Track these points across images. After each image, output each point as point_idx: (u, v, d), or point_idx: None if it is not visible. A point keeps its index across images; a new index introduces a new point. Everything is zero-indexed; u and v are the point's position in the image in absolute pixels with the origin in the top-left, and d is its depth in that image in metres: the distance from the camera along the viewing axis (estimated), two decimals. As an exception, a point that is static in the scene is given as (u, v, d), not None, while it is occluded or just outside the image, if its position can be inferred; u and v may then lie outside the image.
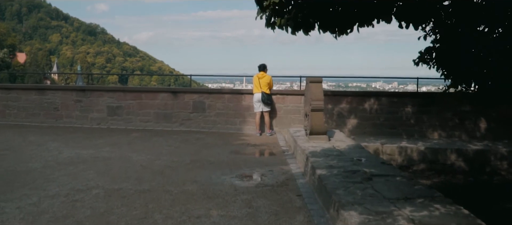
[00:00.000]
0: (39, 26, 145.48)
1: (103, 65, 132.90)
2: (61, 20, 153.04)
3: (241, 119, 10.20)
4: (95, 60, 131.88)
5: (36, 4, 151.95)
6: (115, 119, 10.55)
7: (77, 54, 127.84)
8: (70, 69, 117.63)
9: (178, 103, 10.34)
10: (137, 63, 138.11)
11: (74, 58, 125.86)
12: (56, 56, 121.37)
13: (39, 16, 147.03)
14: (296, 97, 10.00)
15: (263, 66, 9.80)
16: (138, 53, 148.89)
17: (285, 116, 10.06)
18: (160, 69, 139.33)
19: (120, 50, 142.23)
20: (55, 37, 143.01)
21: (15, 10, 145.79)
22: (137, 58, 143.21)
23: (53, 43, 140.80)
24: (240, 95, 10.19)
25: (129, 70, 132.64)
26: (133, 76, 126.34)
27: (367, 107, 9.79)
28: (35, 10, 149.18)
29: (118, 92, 10.52)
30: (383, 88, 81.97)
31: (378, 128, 9.79)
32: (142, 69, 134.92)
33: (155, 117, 10.44)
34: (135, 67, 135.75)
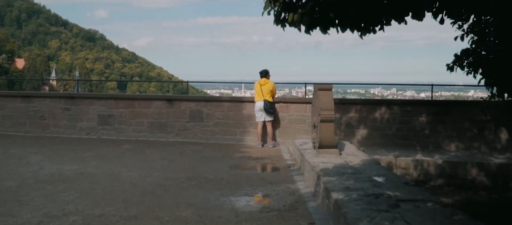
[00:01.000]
0: (38, 32, 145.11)
1: (102, 71, 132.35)
2: (60, 26, 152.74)
3: (241, 129, 9.47)
4: (94, 66, 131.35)
5: (35, 10, 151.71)
6: (106, 129, 9.81)
7: (76, 60, 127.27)
8: (68, 75, 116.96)
9: (173, 112, 9.61)
10: (136, 69, 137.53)
11: (73, 64, 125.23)
12: (55, 62, 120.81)
13: (38, 22, 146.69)
14: (301, 105, 9.28)
15: (265, 72, 9.08)
16: (137, 59, 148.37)
17: (289, 126, 9.33)
18: (159, 75, 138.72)
19: (119, 56, 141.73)
20: (54, 43, 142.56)
21: (14, 16, 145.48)
22: (136, 64, 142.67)
23: (52, 49, 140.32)
24: (240, 104, 9.46)
25: (128, 76, 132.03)
26: (131, 82, 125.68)
27: (378, 117, 9.07)
28: (34, 16, 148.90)
29: (109, 100, 9.79)
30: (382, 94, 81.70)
31: (389, 139, 9.06)
32: (141, 75, 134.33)
33: (149, 127, 9.70)
34: (134, 73, 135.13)
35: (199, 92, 51.92)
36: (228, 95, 10.19)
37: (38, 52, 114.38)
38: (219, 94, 66.11)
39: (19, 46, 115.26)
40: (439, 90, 77.90)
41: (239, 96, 9.65)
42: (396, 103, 9.10)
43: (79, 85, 70.90)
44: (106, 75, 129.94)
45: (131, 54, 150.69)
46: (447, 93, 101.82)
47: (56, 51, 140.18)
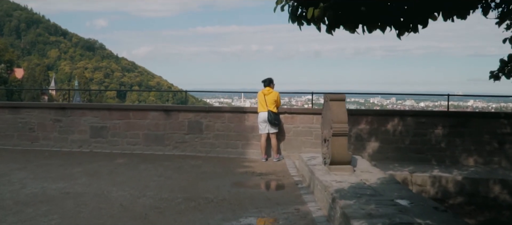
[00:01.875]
0: (38, 42, 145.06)
1: (101, 80, 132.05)
2: (59, 36, 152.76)
3: (243, 141, 8.85)
4: (93, 76, 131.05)
5: (34, 20, 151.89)
6: (99, 141, 9.18)
7: (76, 69, 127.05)
8: (68, 85, 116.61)
9: (171, 123, 9.00)
10: (135, 79, 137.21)
11: (73, 74, 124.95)
12: (54, 72, 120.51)
13: (38, 31, 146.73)
14: (307, 116, 8.68)
15: (269, 81, 8.49)
16: (137, 69, 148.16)
17: (294, 138, 8.71)
18: (158, 84, 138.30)
19: (118, 66, 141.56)
20: (54, 53, 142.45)
21: (14, 25, 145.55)
22: (136, 73, 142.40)
23: (51, 58, 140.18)
24: (242, 115, 8.86)
25: (128, 86, 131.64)
26: (131, 92, 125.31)
27: (390, 129, 8.47)
28: (33, 25, 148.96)
29: (102, 111, 9.18)
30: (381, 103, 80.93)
31: (403, 153, 8.44)
32: (141, 85, 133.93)
33: (145, 139, 9.07)
34: (133, 82, 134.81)
35: (198, 101, 51.39)
36: (229, 106, 9.59)
37: (37, 62, 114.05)
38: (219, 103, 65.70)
39: (18, 56, 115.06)
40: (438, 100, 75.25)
41: (240, 107, 9.06)
42: (409, 115, 8.50)
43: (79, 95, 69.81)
44: (106, 84, 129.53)
45: (131, 64, 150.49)
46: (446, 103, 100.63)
47: (55, 60, 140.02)
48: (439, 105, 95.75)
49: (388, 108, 20.14)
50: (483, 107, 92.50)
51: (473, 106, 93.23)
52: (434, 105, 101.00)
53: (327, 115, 5.98)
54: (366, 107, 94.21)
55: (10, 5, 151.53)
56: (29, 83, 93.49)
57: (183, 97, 58.11)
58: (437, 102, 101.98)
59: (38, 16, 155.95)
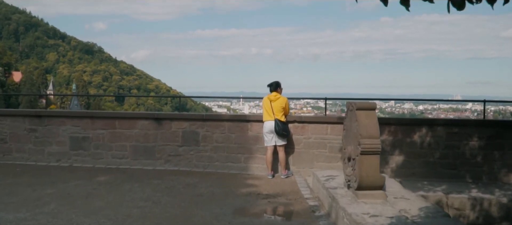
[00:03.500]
0: (36, 45, 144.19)
1: (100, 83, 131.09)
2: (58, 39, 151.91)
3: (246, 154, 7.66)
4: (91, 79, 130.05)
5: (33, 23, 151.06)
6: (80, 154, 7.99)
7: (74, 72, 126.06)
8: (66, 88, 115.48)
9: (163, 133, 7.81)
10: (134, 82, 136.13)
11: (71, 77, 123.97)
12: (53, 75, 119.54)
13: (36, 35, 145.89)
14: (320, 126, 7.49)
15: (276, 85, 7.32)
16: (135, 72, 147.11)
17: (305, 151, 7.52)
18: (157, 88, 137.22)
19: (117, 69, 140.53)
20: (52, 56, 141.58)
21: (12, 29, 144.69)
22: (134, 76, 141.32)
23: (49, 62, 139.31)
24: (245, 124, 7.67)
25: (126, 89, 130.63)
26: (128, 96, 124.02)
27: (417, 140, 7.28)
28: (32, 29, 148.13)
29: (84, 119, 7.99)
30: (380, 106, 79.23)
31: (431, 168, 7.26)
32: (139, 88, 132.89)
33: (133, 152, 7.89)
34: (132, 85, 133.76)
35: (197, 104, 50.42)
36: (229, 114, 8.41)
37: (35, 65, 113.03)
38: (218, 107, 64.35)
39: (16, 59, 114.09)
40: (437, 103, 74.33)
41: (242, 115, 7.89)
42: (439, 124, 7.31)
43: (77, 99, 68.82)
44: (104, 87, 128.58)
45: (129, 67, 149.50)
46: (445, 106, 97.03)
47: (53, 64, 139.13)
48: (437, 108, 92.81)
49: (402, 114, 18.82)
50: (481, 110, 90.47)
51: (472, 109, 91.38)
52: (433, 108, 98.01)
53: (352, 127, 4.80)
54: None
55: (8, 8, 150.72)
56: (26, 86, 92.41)
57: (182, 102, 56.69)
58: (436, 105, 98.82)
59: (37, 20, 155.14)
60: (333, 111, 51.96)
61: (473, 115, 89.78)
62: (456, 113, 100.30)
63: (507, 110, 70.63)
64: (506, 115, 72.67)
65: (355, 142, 4.69)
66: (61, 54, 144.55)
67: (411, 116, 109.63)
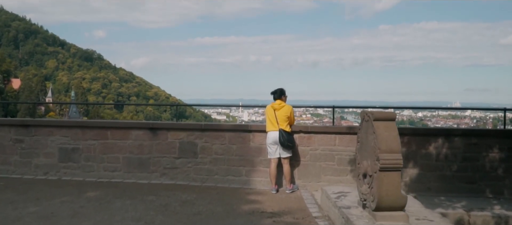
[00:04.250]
0: (36, 52, 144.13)
1: (99, 91, 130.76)
2: (57, 46, 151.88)
3: (248, 167, 7.12)
4: (91, 86, 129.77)
5: (33, 30, 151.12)
6: (69, 167, 7.44)
7: (73, 80, 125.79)
8: (65, 95, 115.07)
9: (158, 144, 7.27)
10: (133, 89, 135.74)
11: (70, 84, 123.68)
12: (52, 82, 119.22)
13: (36, 42, 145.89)
14: (327, 136, 6.96)
15: (280, 92, 6.79)
16: (134, 79, 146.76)
17: (312, 164, 6.98)
18: (156, 95, 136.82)
19: (116, 76, 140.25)
20: (51, 63, 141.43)
21: (12, 36, 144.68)
22: (133, 83, 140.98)
23: (49, 69, 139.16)
24: (246, 134, 7.14)
25: (125, 96, 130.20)
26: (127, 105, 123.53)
27: (433, 152, 6.75)
28: (31, 36, 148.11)
29: (74, 129, 7.45)
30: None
31: (449, 182, 6.71)
32: (138, 95, 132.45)
33: (126, 164, 7.34)
34: (131, 93, 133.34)
35: (196, 111, 49.86)
36: (229, 123, 7.83)
37: (35, 72, 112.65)
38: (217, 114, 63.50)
39: (15, 67, 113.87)
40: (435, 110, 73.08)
41: (244, 125, 7.38)
42: (457, 134, 6.78)
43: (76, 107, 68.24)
44: (103, 95, 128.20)
45: (129, 74, 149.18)
46: (445, 113, 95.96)
47: (53, 71, 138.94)
48: (437, 115, 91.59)
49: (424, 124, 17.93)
50: (481, 117, 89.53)
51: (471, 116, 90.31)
52: (432, 114, 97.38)
53: (368, 140, 4.26)
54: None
55: (8, 16, 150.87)
56: (25, 94, 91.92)
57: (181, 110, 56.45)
58: (435, 112, 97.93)
59: (37, 27, 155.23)
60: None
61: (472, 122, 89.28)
62: (455, 120, 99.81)
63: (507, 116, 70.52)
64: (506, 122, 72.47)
65: (372, 156, 4.15)
66: (60, 62, 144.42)
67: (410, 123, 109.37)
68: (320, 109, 5.85)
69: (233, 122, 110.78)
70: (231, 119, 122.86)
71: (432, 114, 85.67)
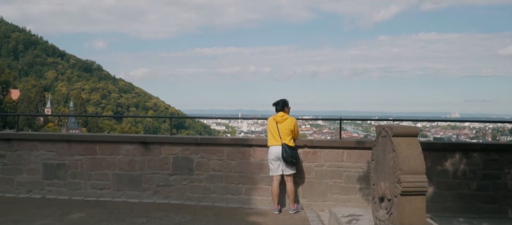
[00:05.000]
0: (35, 63, 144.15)
1: (98, 101, 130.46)
2: (57, 57, 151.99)
3: (248, 185, 6.55)
4: (90, 97, 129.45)
5: (32, 41, 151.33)
6: (54, 184, 6.87)
7: (72, 90, 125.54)
8: (64, 106, 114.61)
9: (151, 160, 6.71)
10: (132, 100, 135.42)
11: (69, 95, 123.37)
12: (51, 93, 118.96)
13: (35, 53, 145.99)
14: (334, 151, 6.40)
15: (283, 103, 6.26)
16: (134, 90, 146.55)
17: (317, 181, 6.41)
18: (155, 105, 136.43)
19: (115, 87, 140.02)
20: (51, 74, 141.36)
21: (11, 47, 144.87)
22: (133, 94, 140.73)
23: (48, 79, 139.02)
24: (246, 149, 6.58)
25: (124, 107, 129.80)
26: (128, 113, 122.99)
27: (450, 169, 6.19)
28: (31, 47, 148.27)
29: (59, 143, 6.89)
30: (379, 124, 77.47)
31: (467, 201, 6.14)
32: (138, 106, 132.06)
33: (116, 181, 6.77)
34: (130, 103, 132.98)
35: (196, 122, 49.30)
36: (228, 137, 7.32)
37: (34, 83, 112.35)
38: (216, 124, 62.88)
39: (15, 77, 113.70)
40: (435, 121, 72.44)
41: (244, 138, 6.83)
42: (476, 149, 6.22)
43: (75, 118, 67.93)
44: (102, 105, 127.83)
45: (128, 85, 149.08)
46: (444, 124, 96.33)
47: (52, 82, 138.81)
48: (436, 126, 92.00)
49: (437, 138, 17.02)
50: (480, 128, 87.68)
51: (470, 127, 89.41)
52: (431, 125, 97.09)
53: (386, 158, 3.71)
54: (363, 128, 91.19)
55: (8, 27, 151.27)
56: (24, 104, 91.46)
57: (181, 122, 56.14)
58: (434, 123, 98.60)
59: (36, 38, 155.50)
60: (332, 129, 49.66)
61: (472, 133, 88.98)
62: (454, 130, 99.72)
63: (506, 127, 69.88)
64: (505, 132, 71.90)
65: (391, 178, 3.60)
66: (59, 72, 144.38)
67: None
68: (319, 121, 5.49)
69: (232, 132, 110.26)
70: (230, 129, 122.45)
71: (431, 124, 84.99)
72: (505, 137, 73.96)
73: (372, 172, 4.17)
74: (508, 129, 68.97)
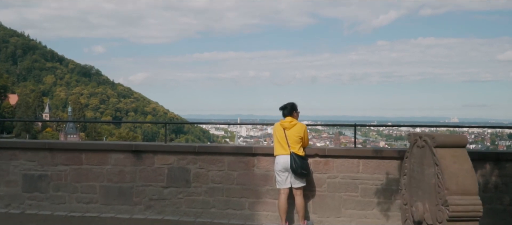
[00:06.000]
0: (34, 68, 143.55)
1: (97, 106, 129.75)
2: (56, 62, 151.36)
3: (252, 198, 5.84)
4: (88, 101, 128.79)
5: (31, 46, 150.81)
6: (35, 198, 6.15)
7: (71, 95, 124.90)
8: (62, 111, 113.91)
9: (143, 170, 6.00)
10: (131, 104, 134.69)
11: (68, 100, 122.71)
12: (49, 98, 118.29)
13: (34, 57, 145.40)
14: (349, 161, 5.70)
15: (292, 107, 5.57)
16: (133, 94, 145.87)
17: (330, 195, 5.71)
18: (154, 110, 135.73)
19: (114, 91, 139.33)
20: (49, 79, 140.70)
21: (10, 52, 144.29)
22: (131, 99, 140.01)
23: (47, 84, 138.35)
24: (250, 158, 5.88)
25: (123, 112, 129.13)
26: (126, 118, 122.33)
27: (479, 180, 5.47)
28: (30, 52, 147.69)
29: (41, 152, 6.18)
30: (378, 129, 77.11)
31: (500, 217, 5.44)
32: (136, 111, 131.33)
33: (104, 195, 6.05)
34: (129, 108, 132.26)
35: (194, 127, 48.60)
36: (229, 145, 6.62)
37: (32, 87, 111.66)
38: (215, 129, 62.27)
39: (13, 82, 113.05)
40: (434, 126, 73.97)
41: (247, 146, 6.14)
42: (509, 159, 5.53)
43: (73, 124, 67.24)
44: (101, 110, 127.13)
45: (127, 89, 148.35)
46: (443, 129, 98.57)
47: (51, 86, 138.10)
48: (435, 131, 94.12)
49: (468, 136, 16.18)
50: (479, 133, 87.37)
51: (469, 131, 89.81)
52: (430, 130, 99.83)
53: (425, 174, 3.01)
54: (362, 133, 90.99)
55: (6, 32, 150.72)
56: (21, 109, 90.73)
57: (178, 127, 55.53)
58: (433, 128, 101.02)
59: (35, 43, 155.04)
60: (331, 133, 48.77)
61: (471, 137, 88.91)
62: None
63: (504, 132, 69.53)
64: (504, 137, 71.49)
65: (433, 198, 2.90)
66: (58, 77, 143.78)
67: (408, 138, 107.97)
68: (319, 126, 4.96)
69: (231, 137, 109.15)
70: (229, 134, 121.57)
71: (430, 129, 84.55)
72: (503, 142, 73.91)
73: (404, 188, 3.47)
74: (507, 134, 68.53)
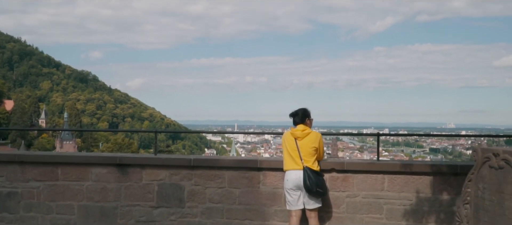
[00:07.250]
0: (30, 74, 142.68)
1: (94, 112, 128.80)
2: (52, 68, 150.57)
3: (257, 221, 4.96)
4: (85, 107, 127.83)
5: (27, 52, 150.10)
6: (3, 219, 5.26)
7: (68, 101, 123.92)
8: (59, 117, 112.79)
9: (129, 188, 5.12)
10: (128, 110, 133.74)
11: (64, 106, 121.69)
12: (46, 104, 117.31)
13: (31, 63, 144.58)
14: (371, 177, 4.84)
15: (303, 114, 4.70)
16: (129, 100, 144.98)
17: (350, 217, 4.83)
18: (151, 116, 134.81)
19: (111, 97, 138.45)
20: (46, 84, 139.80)
21: (6, 57, 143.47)
22: (128, 105, 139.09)
23: (43, 90, 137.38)
24: (254, 173, 5.01)
25: (120, 117, 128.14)
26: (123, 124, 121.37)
27: None
28: (26, 57, 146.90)
29: (10, 166, 5.29)
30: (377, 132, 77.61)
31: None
32: (133, 116, 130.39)
33: (83, 216, 5.16)
34: (126, 114, 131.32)
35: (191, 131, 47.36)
36: (230, 158, 5.73)
37: (29, 93, 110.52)
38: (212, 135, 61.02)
39: (9, 88, 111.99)
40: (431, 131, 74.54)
41: (252, 159, 5.27)
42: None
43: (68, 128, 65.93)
44: (98, 116, 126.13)
45: (124, 95, 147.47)
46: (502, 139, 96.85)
47: (47, 92, 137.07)
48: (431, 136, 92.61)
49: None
50: (475, 139, 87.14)
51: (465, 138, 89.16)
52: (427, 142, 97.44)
53: (504, 205, 2.14)
54: (359, 139, 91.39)
55: (3, 37, 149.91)
56: (17, 115, 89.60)
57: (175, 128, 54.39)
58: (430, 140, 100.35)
59: (32, 48, 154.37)
60: (328, 139, 48.61)
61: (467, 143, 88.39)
62: (450, 141, 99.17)
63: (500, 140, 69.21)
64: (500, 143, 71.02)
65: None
66: (55, 83, 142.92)
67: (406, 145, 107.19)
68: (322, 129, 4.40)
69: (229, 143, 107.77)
70: (226, 140, 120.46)
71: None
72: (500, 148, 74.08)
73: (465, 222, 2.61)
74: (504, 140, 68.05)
